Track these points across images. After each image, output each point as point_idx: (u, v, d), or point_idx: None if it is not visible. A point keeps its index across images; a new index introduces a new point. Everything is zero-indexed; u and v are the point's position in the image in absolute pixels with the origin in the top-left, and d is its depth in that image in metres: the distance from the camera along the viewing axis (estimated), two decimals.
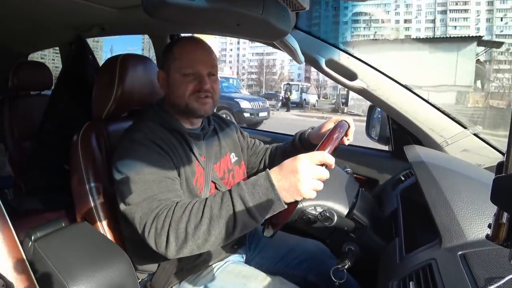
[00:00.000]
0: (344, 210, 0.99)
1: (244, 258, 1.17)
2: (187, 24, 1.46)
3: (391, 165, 1.43)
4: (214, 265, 1.06)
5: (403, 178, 1.25)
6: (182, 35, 1.85)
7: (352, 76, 1.25)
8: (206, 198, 0.77)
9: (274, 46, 1.22)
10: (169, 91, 1.01)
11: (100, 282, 0.85)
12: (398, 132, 1.39)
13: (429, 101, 1.22)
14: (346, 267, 0.94)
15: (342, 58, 1.25)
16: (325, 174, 0.73)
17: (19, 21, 1.70)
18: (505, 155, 0.41)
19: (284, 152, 1.20)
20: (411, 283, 0.65)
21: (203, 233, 0.73)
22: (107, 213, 1.08)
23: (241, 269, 1.05)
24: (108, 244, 1.00)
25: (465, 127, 1.21)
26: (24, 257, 0.76)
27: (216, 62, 1.02)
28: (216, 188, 1.03)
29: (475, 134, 1.20)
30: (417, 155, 1.05)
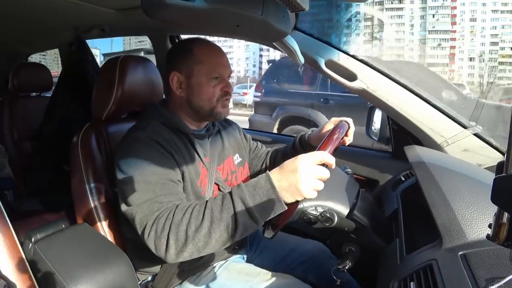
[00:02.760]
0: (344, 210, 0.99)
1: (245, 258, 1.17)
2: (186, 25, 1.46)
3: (392, 165, 1.43)
4: (215, 265, 1.06)
5: (403, 179, 1.25)
6: (183, 36, 1.86)
7: (352, 76, 1.25)
8: (207, 201, 0.77)
9: (274, 47, 1.22)
10: (189, 94, 0.97)
11: (100, 283, 0.85)
12: (398, 132, 1.39)
13: (429, 101, 1.22)
14: (346, 267, 0.94)
15: (342, 59, 1.25)
16: (325, 174, 0.73)
17: (18, 22, 1.71)
18: (505, 155, 0.41)
19: (285, 155, 1.20)
20: (411, 283, 0.65)
21: (203, 236, 0.73)
22: (108, 214, 1.08)
23: (243, 266, 1.06)
24: (108, 245, 1.00)
25: (465, 127, 1.21)
26: (25, 258, 0.77)
27: None
28: (219, 189, 1.02)
29: (475, 134, 1.20)
30: (417, 156, 1.05)
